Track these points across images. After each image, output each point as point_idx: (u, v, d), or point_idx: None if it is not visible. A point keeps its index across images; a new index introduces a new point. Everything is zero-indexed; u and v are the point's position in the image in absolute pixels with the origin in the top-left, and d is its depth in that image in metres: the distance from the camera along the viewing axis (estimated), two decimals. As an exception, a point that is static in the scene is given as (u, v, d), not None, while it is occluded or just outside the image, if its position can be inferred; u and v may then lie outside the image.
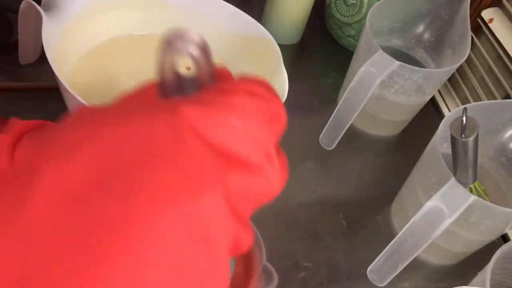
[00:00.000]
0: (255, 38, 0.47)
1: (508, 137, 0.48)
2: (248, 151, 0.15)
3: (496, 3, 0.56)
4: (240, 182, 0.15)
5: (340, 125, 0.48)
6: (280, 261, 0.44)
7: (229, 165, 0.14)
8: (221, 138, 0.14)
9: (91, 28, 0.46)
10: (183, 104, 0.14)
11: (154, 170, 0.14)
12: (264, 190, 0.16)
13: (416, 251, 0.38)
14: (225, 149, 0.14)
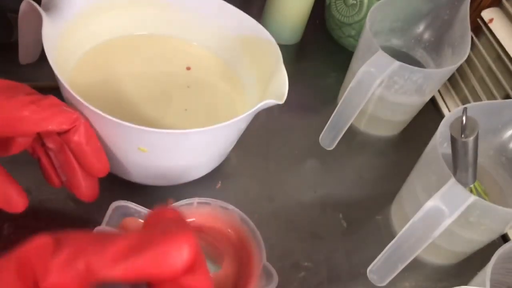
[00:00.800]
0: (255, 38, 0.47)
1: (508, 137, 0.48)
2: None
3: (496, 3, 0.56)
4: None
5: (340, 125, 0.48)
6: (280, 261, 0.44)
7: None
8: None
9: (91, 28, 0.46)
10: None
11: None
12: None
13: (416, 251, 0.38)
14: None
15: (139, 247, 0.19)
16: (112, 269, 0.19)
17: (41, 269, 0.19)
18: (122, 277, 0.19)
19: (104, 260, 0.19)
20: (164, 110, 0.45)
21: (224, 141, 0.43)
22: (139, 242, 0.20)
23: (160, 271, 0.19)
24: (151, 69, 0.48)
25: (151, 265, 0.19)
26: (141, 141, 0.37)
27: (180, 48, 0.51)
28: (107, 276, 0.19)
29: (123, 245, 0.19)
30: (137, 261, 0.19)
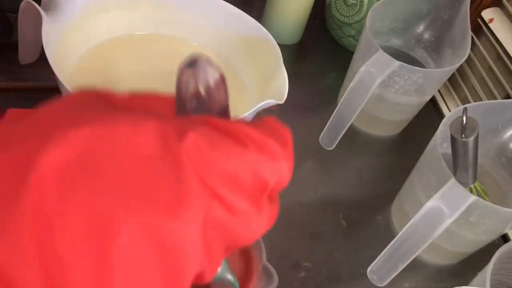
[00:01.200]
0: (255, 38, 0.47)
1: (508, 137, 0.48)
2: (236, 198, 0.16)
3: (496, 3, 0.56)
4: (220, 219, 0.15)
5: (340, 125, 0.48)
6: (280, 261, 0.44)
7: (215, 202, 0.15)
8: (214, 179, 0.15)
9: (91, 28, 0.46)
10: (192, 133, 0.15)
11: (150, 193, 0.14)
12: (243, 233, 0.17)
13: (416, 251, 0.38)
14: (215, 189, 0.15)
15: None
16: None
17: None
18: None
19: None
20: (164, 110, 0.45)
21: (224, 141, 0.43)
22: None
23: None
24: (151, 69, 0.48)
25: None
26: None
27: (180, 48, 0.51)
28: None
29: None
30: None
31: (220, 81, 0.16)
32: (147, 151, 0.15)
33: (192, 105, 0.16)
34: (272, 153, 0.17)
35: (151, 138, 0.15)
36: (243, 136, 0.16)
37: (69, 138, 0.14)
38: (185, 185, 0.15)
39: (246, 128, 0.16)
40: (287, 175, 0.18)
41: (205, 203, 0.15)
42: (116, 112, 0.16)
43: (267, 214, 0.17)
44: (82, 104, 0.17)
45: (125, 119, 0.15)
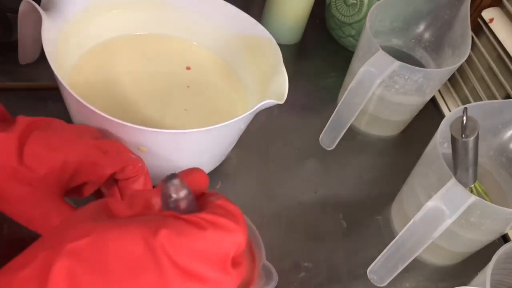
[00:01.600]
0: (255, 38, 0.47)
1: (508, 137, 0.48)
2: (205, 269, 0.21)
3: (497, 3, 0.56)
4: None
5: (340, 125, 0.48)
6: (280, 261, 0.44)
7: (188, 279, 0.20)
8: (184, 260, 0.20)
9: (91, 28, 0.46)
10: (163, 229, 0.20)
11: (136, 276, 0.20)
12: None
13: (416, 251, 0.38)
14: (186, 268, 0.20)
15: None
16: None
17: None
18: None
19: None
20: (164, 110, 0.45)
21: (224, 141, 0.43)
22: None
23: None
24: (151, 69, 0.48)
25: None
26: (141, 141, 0.37)
27: (180, 48, 0.51)
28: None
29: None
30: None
31: (187, 193, 0.22)
32: (132, 250, 0.20)
33: (170, 203, 0.22)
34: (226, 228, 0.21)
35: (134, 239, 0.20)
36: (202, 222, 0.21)
37: (73, 250, 0.20)
38: (163, 271, 0.20)
39: (204, 215, 0.21)
40: (243, 243, 0.22)
41: (180, 281, 0.20)
42: (109, 222, 0.21)
43: (235, 276, 0.22)
44: (87, 215, 0.22)
45: (114, 227, 0.21)
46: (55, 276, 0.19)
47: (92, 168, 0.32)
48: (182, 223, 0.21)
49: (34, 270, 0.20)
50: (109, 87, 0.45)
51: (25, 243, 0.39)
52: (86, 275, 0.19)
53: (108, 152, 0.33)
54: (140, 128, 0.34)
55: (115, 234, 0.20)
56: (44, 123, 0.34)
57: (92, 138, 0.34)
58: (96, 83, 0.45)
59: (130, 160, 0.33)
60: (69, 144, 0.32)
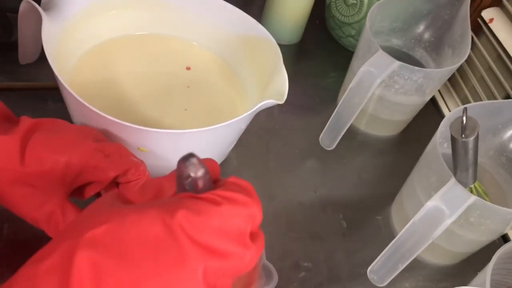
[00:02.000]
0: (255, 38, 0.47)
1: (508, 137, 0.48)
2: (224, 244, 0.21)
3: (496, 3, 0.56)
4: (217, 265, 0.21)
5: (340, 125, 0.48)
6: (280, 261, 0.44)
7: (208, 255, 0.21)
8: (202, 236, 0.20)
9: (91, 28, 0.46)
10: (179, 210, 0.21)
11: (157, 257, 0.20)
12: (239, 267, 0.22)
13: (416, 251, 0.38)
14: (205, 244, 0.21)
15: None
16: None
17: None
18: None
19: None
20: (164, 110, 0.45)
21: (224, 141, 0.43)
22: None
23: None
24: (151, 69, 0.48)
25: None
26: (141, 141, 0.37)
27: (180, 48, 0.51)
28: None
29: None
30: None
31: (203, 174, 0.23)
32: (151, 232, 0.20)
33: (187, 183, 0.23)
34: (241, 202, 0.22)
35: (152, 221, 0.20)
36: (218, 198, 0.21)
37: (93, 238, 0.20)
38: (183, 250, 0.20)
39: (219, 192, 0.22)
40: (259, 216, 0.23)
41: (200, 258, 0.20)
42: (126, 207, 0.22)
43: (254, 249, 0.22)
44: (103, 205, 0.23)
45: (131, 211, 0.21)
46: (77, 265, 0.19)
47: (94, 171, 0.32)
48: (198, 202, 0.21)
49: (55, 261, 0.20)
50: (109, 87, 0.45)
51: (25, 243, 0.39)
52: (108, 261, 0.20)
53: (111, 155, 0.33)
54: (140, 128, 0.34)
55: (133, 218, 0.21)
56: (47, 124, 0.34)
57: (95, 141, 0.34)
58: (96, 83, 0.45)
59: (132, 163, 0.33)
60: (71, 146, 0.32)
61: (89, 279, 0.19)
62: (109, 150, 0.33)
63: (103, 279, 0.19)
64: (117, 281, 0.19)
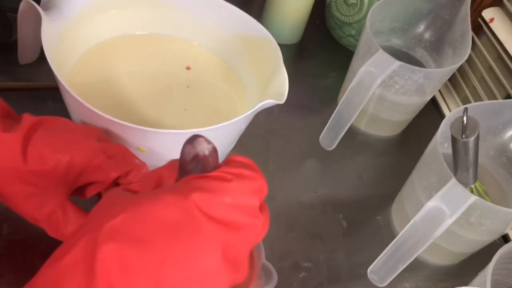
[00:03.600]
0: (255, 38, 0.47)
1: (509, 137, 0.48)
2: (238, 217, 0.22)
3: (497, 3, 0.56)
4: (234, 239, 0.22)
5: (340, 125, 0.48)
6: (280, 261, 0.44)
7: (225, 229, 0.22)
8: (217, 212, 0.21)
9: (91, 28, 0.46)
10: (193, 191, 0.21)
11: (177, 239, 0.20)
12: (253, 237, 0.23)
13: (416, 252, 0.38)
14: (221, 219, 0.21)
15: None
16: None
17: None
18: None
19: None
20: (164, 110, 0.45)
21: (224, 141, 0.43)
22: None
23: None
24: (151, 69, 0.48)
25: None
26: (141, 141, 0.37)
27: (180, 48, 0.51)
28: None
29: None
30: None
31: (212, 151, 0.23)
32: (168, 215, 0.21)
33: (192, 166, 0.23)
34: (248, 177, 0.23)
35: (168, 205, 0.21)
36: (226, 175, 0.22)
37: (113, 229, 0.20)
38: (201, 227, 0.21)
39: (226, 169, 0.23)
40: (264, 188, 0.24)
41: (219, 233, 0.21)
42: (139, 196, 0.22)
43: (263, 219, 0.23)
44: (113, 199, 0.23)
45: (146, 199, 0.22)
46: (101, 258, 0.19)
47: (97, 171, 0.32)
48: (209, 181, 0.22)
49: (78, 256, 0.20)
50: (109, 87, 0.45)
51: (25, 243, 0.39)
52: (130, 249, 0.20)
53: (114, 156, 0.33)
54: (140, 128, 0.34)
55: (148, 205, 0.21)
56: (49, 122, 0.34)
57: (97, 141, 0.33)
58: (96, 83, 0.45)
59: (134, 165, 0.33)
60: (74, 146, 0.32)
61: (114, 269, 0.19)
62: (112, 151, 0.33)
63: (129, 267, 0.19)
64: (142, 267, 0.19)
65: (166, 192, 0.22)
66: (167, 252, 0.20)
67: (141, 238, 0.20)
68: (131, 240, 0.20)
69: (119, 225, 0.20)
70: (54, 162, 0.31)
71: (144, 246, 0.20)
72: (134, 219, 0.21)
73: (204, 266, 0.21)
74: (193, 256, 0.20)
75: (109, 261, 0.19)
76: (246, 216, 0.22)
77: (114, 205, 0.22)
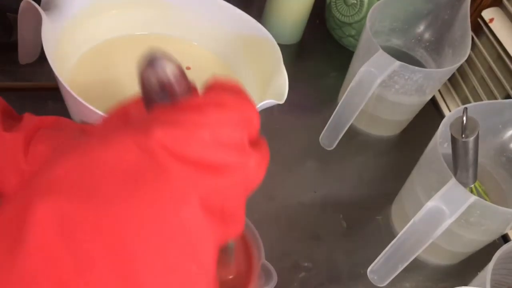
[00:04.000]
0: (255, 38, 0.47)
1: (509, 137, 0.48)
2: (219, 155, 0.17)
3: (497, 3, 0.56)
4: (216, 183, 0.17)
5: (340, 125, 0.48)
6: (280, 261, 0.44)
7: (202, 172, 0.17)
8: (192, 152, 0.17)
9: (91, 28, 0.46)
10: (156, 126, 0.17)
11: (135, 189, 0.16)
12: (246, 180, 0.18)
13: (416, 251, 0.38)
14: (196, 160, 0.17)
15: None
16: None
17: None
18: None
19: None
20: (164, 110, 0.45)
21: (224, 141, 0.43)
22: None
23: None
24: (151, 69, 0.48)
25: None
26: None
27: (180, 48, 0.51)
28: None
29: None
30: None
31: (178, 72, 0.19)
32: (123, 159, 0.16)
33: (158, 97, 0.18)
34: (230, 105, 0.18)
35: (122, 146, 0.17)
36: (200, 104, 0.18)
37: (54, 179, 0.16)
38: (166, 172, 0.16)
39: (200, 97, 0.18)
40: (255, 118, 0.19)
41: (192, 177, 0.16)
42: (87, 138, 0.18)
43: (256, 155, 0.18)
44: (64, 142, 0.19)
45: (95, 142, 0.17)
46: (34, 218, 0.15)
47: None
48: (177, 112, 0.17)
49: (6, 217, 0.16)
50: (109, 87, 0.45)
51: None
52: (74, 206, 0.15)
53: None
54: (140, 128, 0.34)
55: (98, 148, 0.17)
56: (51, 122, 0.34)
57: None
58: (96, 83, 0.45)
59: None
60: None
61: (53, 232, 0.15)
62: None
63: (73, 229, 0.15)
64: (91, 227, 0.15)
65: (120, 130, 0.17)
66: (124, 206, 0.15)
67: (88, 191, 0.16)
68: (75, 193, 0.16)
69: (59, 176, 0.16)
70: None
71: (93, 200, 0.16)
72: (80, 168, 0.16)
73: (176, 221, 0.16)
74: (161, 209, 0.16)
75: (44, 222, 0.15)
76: (231, 154, 0.17)
77: (57, 154, 0.18)
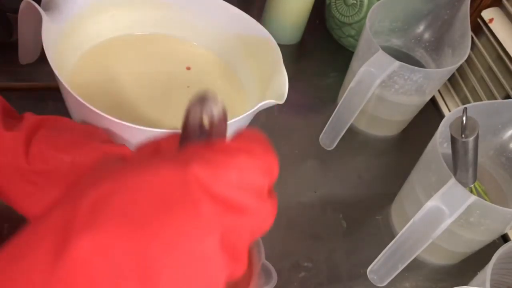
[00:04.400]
0: (255, 38, 0.47)
1: (508, 137, 0.48)
2: (243, 198, 0.19)
3: (497, 3, 0.56)
4: (235, 222, 0.19)
5: (340, 125, 0.48)
6: (280, 261, 0.44)
7: (227, 210, 0.18)
8: (220, 189, 0.18)
9: (91, 28, 0.46)
10: (194, 161, 0.18)
11: (168, 215, 0.17)
12: (258, 223, 0.20)
13: (416, 251, 0.38)
14: (224, 199, 0.18)
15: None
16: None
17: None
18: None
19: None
20: (164, 110, 0.45)
21: (224, 141, 0.43)
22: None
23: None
24: (151, 69, 0.48)
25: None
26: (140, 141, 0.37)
27: (180, 48, 0.51)
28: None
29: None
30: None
31: (223, 115, 0.20)
32: (159, 187, 0.18)
33: (197, 133, 0.20)
34: (258, 154, 0.20)
35: (160, 175, 0.18)
36: (233, 149, 0.19)
37: (93, 204, 0.17)
38: (197, 203, 0.17)
39: (233, 143, 0.20)
40: (276, 170, 0.21)
41: (219, 213, 0.18)
42: (125, 166, 0.19)
43: (270, 204, 0.21)
44: (101, 167, 0.20)
45: (133, 169, 0.18)
46: (74, 254, 0.16)
47: None
48: (212, 152, 0.19)
49: (45, 250, 0.16)
50: (109, 87, 0.45)
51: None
52: (112, 231, 0.16)
53: None
54: (140, 128, 0.34)
55: (140, 174, 0.18)
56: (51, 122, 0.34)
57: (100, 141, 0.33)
58: (96, 83, 0.45)
59: None
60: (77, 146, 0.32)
61: (93, 260, 0.16)
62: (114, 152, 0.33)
63: (109, 250, 0.16)
64: (126, 249, 0.16)
65: (161, 160, 0.18)
66: (157, 230, 0.17)
67: (126, 214, 0.17)
68: (114, 218, 0.17)
69: (100, 198, 0.17)
70: (56, 162, 0.31)
71: (130, 223, 0.17)
72: (120, 191, 0.17)
73: (199, 251, 0.17)
74: (188, 238, 0.17)
75: (84, 255, 0.16)
76: (253, 198, 0.19)
77: (99, 175, 0.19)
